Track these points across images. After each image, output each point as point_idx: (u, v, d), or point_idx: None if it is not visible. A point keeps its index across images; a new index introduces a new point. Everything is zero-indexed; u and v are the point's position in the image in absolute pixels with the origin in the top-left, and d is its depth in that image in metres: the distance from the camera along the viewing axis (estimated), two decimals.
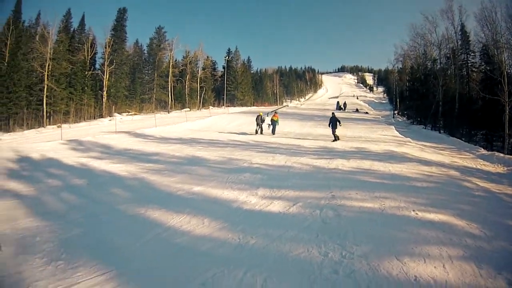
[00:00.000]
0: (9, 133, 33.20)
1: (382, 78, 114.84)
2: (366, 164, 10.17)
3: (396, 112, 48.01)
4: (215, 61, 70.08)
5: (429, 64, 38.74)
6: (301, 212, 5.90)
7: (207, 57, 66.97)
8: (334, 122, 17.24)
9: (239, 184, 8.12)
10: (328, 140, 16.80)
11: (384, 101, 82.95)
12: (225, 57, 68.05)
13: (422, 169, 9.59)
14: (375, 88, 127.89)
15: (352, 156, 11.47)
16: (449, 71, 35.37)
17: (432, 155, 13.19)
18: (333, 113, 18.66)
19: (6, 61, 37.78)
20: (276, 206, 6.30)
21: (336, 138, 16.64)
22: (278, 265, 4.02)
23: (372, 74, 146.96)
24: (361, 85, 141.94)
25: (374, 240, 4.58)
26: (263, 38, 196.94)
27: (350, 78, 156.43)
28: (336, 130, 17.00)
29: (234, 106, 60.32)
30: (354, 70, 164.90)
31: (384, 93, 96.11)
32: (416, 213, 5.62)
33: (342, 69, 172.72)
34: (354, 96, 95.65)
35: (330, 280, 3.67)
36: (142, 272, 4.00)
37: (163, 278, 3.84)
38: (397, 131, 21.88)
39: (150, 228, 5.43)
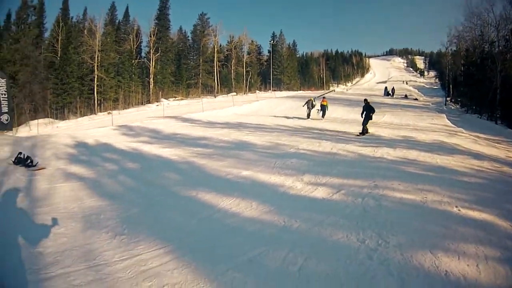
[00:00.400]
0: (64, 121, 36.73)
1: (434, 62, 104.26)
2: (413, 154, 9.88)
3: (448, 99, 44.43)
4: (260, 45, 69.85)
5: (486, 46, 35.76)
6: (344, 199, 6.08)
7: (252, 41, 66.87)
8: (368, 111, 14.12)
9: (286, 170, 8.35)
10: (376, 126, 15.89)
11: (435, 87, 75.86)
12: (270, 41, 67.37)
13: (472, 163, 9.08)
14: (426, 73, 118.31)
15: (399, 145, 11.17)
16: (508, 55, 32.26)
17: (485, 148, 12.43)
18: (366, 100, 15.37)
19: (59, 55, 41.83)
20: (320, 192, 6.52)
21: (364, 132, 13.75)
22: (318, 248, 4.32)
23: (423, 57, 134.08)
24: (411, 69, 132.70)
25: (411, 232, 4.65)
26: (308, 21, 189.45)
27: (399, 61, 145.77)
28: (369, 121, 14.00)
29: (281, 91, 59.70)
30: (403, 53, 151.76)
31: (436, 78, 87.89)
32: (459, 209, 5.46)
33: (391, 52, 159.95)
34: (403, 81, 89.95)
35: (364, 265, 3.89)
36: (196, 248, 4.48)
37: (215, 254, 4.29)
38: (448, 119, 20.40)
39: (202, 209, 5.93)
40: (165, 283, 3.69)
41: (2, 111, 21.71)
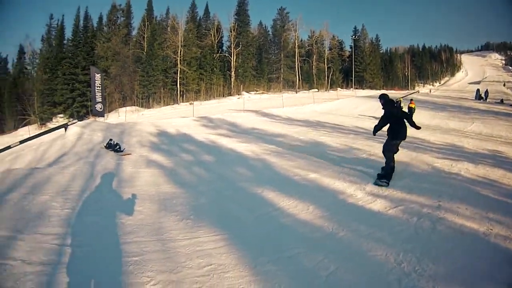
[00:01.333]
0: (149, 109, 42.10)
1: None
2: (496, 174, 8.55)
3: None
4: (342, 41, 69.62)
5: None
6: (398, 216, 5.89)
7: (333, 36, 66.79)
8: (397, 121, 8.38)
9: (351, 176, 8.28)
10: (461, 136, 14.36)
11: None
12: (352, 36, 66.57)
13: None
14: None
15: (482, 161, 9.82)
16: None
17: None
18: (384, 96, 8.39)
19: (145, 51, 48.17)
20: (378, 205, 6.42)
21: (390, 170, 7.87)
22: (353, 259, 4.52)
23: None
24: (510, 67, 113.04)
25: (455, 265, 4.30)
26: (392, 13, 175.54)
27: (496, 58, 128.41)
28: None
29: (363, 89, 58.96)
30: (501, 48, 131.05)
31: None
32: None
33: (486, 47, 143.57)
34: (501, 82, 76.63)
35: (390, 287, 3.92)
36: (247, 240, 5.13)
37: (262, 247, 4.89)
38: None
39: (263, 206, 6.49)
40: (213, 263, 4.47)
41: (97, 100, 25.59)
